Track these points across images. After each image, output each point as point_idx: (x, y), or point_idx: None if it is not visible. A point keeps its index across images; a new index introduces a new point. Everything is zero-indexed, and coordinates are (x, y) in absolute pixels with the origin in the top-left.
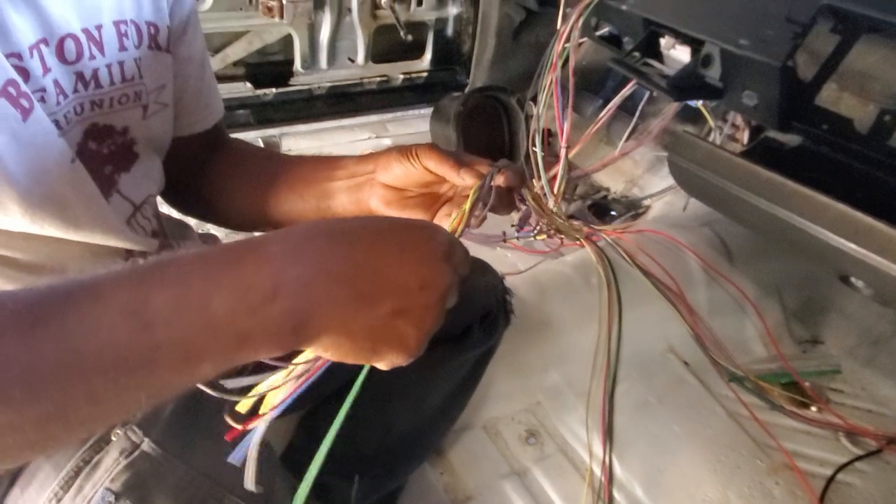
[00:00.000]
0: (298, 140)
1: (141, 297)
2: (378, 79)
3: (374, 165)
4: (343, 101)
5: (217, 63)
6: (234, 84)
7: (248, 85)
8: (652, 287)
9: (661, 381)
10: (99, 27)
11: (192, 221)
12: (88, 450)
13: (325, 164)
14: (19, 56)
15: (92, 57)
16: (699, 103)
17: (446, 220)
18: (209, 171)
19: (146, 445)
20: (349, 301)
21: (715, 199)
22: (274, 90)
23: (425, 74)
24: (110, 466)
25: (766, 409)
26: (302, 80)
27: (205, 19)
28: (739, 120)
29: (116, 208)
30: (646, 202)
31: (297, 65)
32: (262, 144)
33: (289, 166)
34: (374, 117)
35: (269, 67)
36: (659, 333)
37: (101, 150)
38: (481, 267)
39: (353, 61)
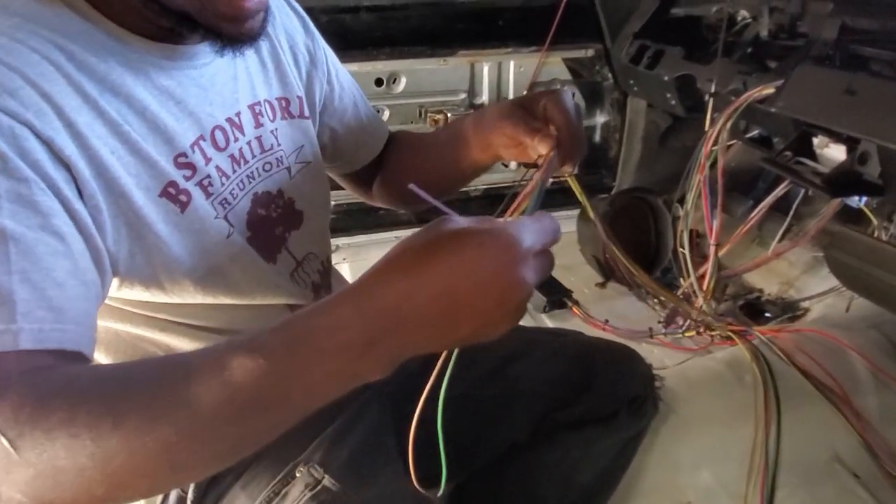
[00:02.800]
0: None
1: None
2: None
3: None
4: (497, 202)
5: None
6: None
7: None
8: (813, 389)
9: (827, 493)
10: (238, 114)
11: None
12: (277, 483)
13: (455, 146)
14: (185, 154)
15: (236, 139)
16: (860, 202)
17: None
18: (388, 175)
19: (327, 481)
20: (433, 335)
21: (881, 294)
22: None
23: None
24: (297, 498)
25: None
26: None
27: None
28: None
29: (282, 263)
30: (804, 304)
31: None
32: None
33: (434, 150)
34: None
35: None
36: (822, 440)
37: (270, 214)
38: (628, 353)
39: (506, 166)
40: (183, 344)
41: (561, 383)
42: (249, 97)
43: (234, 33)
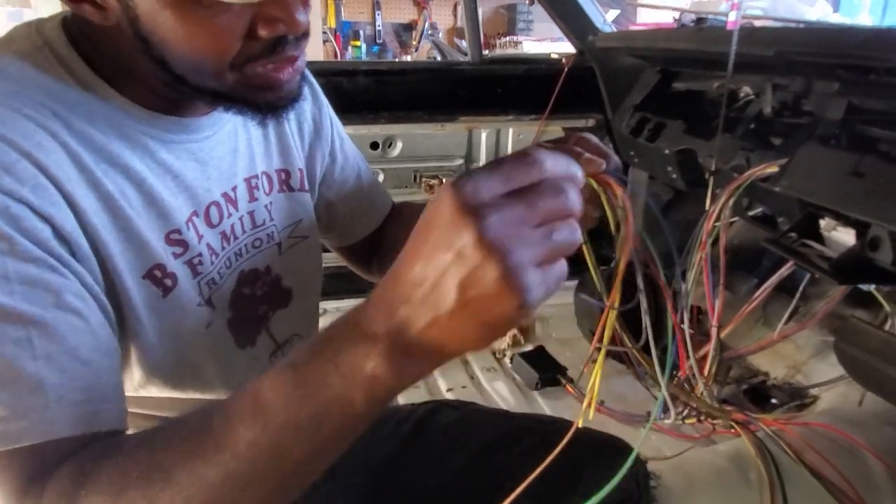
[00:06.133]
0: None
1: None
2: None
3: None
4: None
5: None
6: None
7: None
8: (824, 491)
9: None
10: (234, 188)
11: None
12: None
13: None
14: (178, 231)
15: (229, 215)
16: (871, 286)
17: None
18: (388, 247)
19: None
20: (421, 307)
21: (894, 393)
22: None
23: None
24: None
25: None
26: None
27: None
28: None
29: (261, 345)
30: (813, 391)
31: None
32: None
33: None
34: None
35: None
36: None
37: (255, 292)
38: (619, 448)
39: None
40: None
41: (548, 478)
42: (247, 170)
43: (273, 101)
